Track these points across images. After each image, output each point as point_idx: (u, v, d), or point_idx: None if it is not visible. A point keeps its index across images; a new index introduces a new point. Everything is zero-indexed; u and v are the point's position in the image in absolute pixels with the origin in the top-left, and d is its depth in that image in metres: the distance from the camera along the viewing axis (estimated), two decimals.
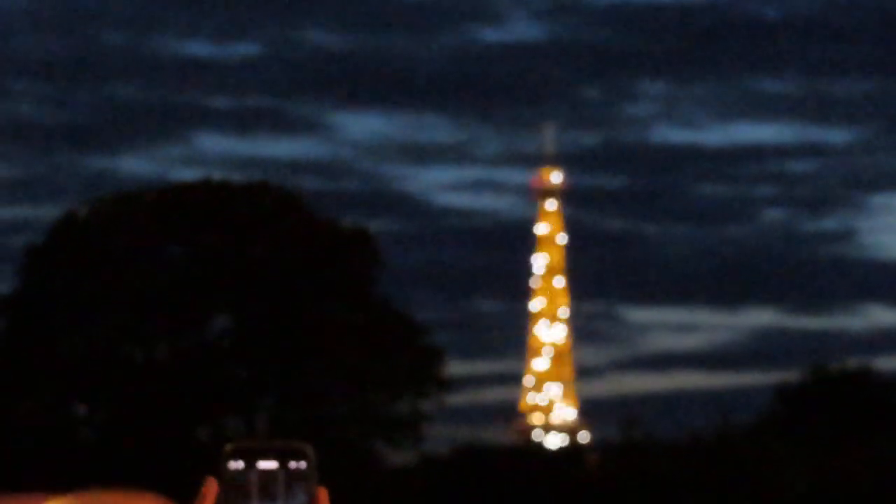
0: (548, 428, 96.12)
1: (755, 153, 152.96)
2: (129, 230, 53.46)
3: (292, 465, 2.50)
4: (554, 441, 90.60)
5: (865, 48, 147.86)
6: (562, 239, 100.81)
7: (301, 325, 53.04)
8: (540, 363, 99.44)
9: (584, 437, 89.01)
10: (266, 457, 2.52)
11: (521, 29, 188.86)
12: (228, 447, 2.52)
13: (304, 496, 2.45)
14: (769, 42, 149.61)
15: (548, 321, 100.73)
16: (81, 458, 52.45)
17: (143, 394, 52.63)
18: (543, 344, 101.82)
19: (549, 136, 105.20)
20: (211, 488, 2.52)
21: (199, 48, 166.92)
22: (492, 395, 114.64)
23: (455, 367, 61.89)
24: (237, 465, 2.50)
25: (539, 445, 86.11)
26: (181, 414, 52.46)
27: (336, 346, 52.52)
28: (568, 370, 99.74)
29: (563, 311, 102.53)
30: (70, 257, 53.07)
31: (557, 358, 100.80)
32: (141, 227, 53.74)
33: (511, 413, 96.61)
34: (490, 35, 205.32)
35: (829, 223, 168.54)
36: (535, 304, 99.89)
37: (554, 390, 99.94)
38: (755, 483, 53.98)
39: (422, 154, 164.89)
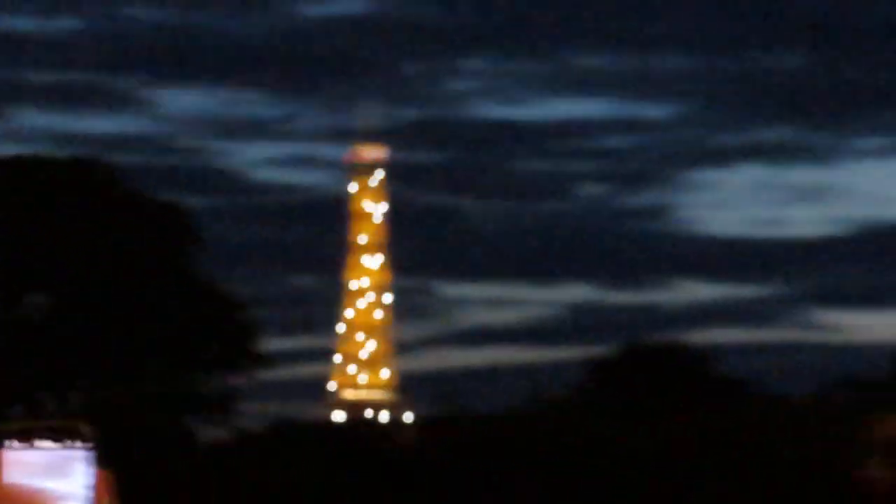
0: (364, 403, 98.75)
1: (573, 129, 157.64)
2: None
3: (68, 445, 2.46)
4: (372, 416, 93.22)
5: (682, 25, 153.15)
6: (380, 214, 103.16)
7: (112, 303, 52.05)
8: (356, 339, 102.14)
9: (401, 411, 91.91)
10: (42, 437, 2.48)
11: (343, 4, 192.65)
12: (3, 427, 2.46)
13: (81, 476, 2.44)
14: (587, 17, 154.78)
15: (364, 297, 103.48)
16: None
17: None
18: (360, 320, 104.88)
19: (369, 112, 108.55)
20: (3, 461, 2.46)
21: (20, 23, 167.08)
22: (308, 370, 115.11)
23: (271, 343, 62.14)
24: (14, 444, 2.43)
25: (363, 420, 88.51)
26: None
27: (148, 323, 51.94)
28: (385, 346, 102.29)
29: (381, 287, 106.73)
30: None
31: (374, 334, 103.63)
32: None
33: (325, 389, 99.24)
34: (310, 10, 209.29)
35: (646, 199, 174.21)
36: (353, 280, 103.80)
37: (369, 366, 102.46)
38: (567, 453, 55.04)
39: (241, 130, 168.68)
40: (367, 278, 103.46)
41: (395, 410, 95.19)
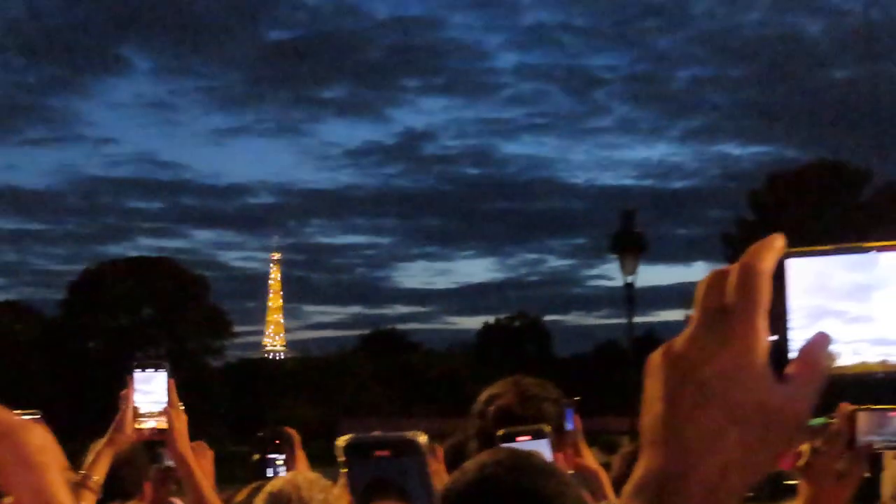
0: (276, 350, 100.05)
1: (336, 248, 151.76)
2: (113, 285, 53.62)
3: (158, 368, 2.72)
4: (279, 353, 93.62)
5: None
6: (277, 276, 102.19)
7: (179, 312, 54.59)
8: (270, 326, 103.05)
9: (286, 352, 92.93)
10: (149, 367, 2.74)
11: (259, 197, 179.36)
12: (138, 356, 2.87)
13: (162, 384, 2.72)
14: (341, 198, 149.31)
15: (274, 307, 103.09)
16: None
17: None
18: (273, 317, 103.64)
19: (276, 240, 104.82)
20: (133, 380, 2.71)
21: (135, 202, 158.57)
22: (253, 338, 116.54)
23: (238, 327, 66.31)
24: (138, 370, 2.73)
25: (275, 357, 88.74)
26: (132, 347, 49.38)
27: (191, 318, 54.36)
28: (281, 328, 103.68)
29: (280, 305, 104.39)
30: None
31: (277, 322, 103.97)
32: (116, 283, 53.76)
33: (259, 346, 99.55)
34: (237, 203, 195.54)
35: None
36: (270, 303, 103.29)
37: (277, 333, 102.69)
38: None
39: (225, 248, 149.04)
40: (275, 303, 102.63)
41: (285, 352, 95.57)
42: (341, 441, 1.57)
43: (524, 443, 2.01)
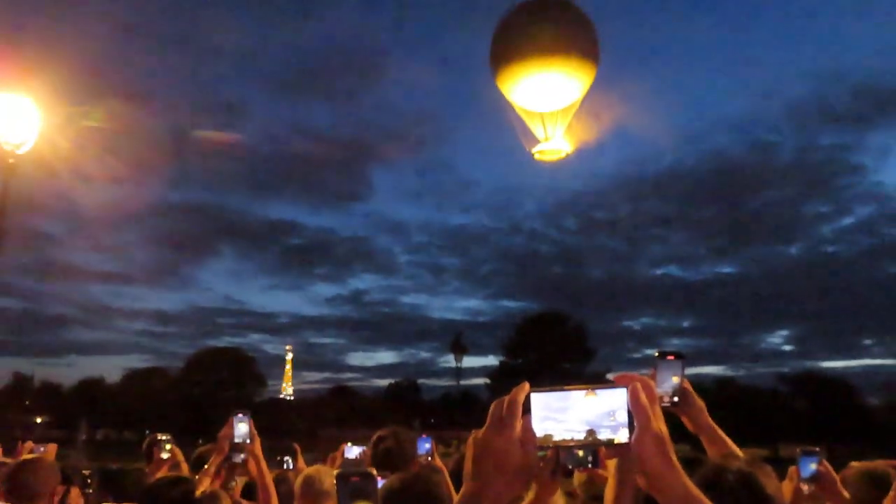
0: (288, 395, 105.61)
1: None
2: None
3: (246, 413, 3.32)
4: None
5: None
6: None
7: (242, 377, 62.69)
8: (285, 382, 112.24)
9: None
10: (239, 411, 3.20)
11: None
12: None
13: (248, 422, 3.17)
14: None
15: None
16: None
17: None
18: (286, 377, 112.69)
19: (289, 340, 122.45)
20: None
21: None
22: (276, 388, 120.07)
23: (270, 383, 72.23)
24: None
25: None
26: (218, 394, 58.90)
27: (247, 380, 63.61)
28: (290, 384, 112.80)
29: (291, 372, 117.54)
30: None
31: (288, 380, 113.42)
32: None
33: (279, 392, 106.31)
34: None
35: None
36: (285, 370, 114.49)
37: None
38: None
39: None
40: (288, 370, 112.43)
41: (293, 395, 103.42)
42: (334, 471, 2.36)
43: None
